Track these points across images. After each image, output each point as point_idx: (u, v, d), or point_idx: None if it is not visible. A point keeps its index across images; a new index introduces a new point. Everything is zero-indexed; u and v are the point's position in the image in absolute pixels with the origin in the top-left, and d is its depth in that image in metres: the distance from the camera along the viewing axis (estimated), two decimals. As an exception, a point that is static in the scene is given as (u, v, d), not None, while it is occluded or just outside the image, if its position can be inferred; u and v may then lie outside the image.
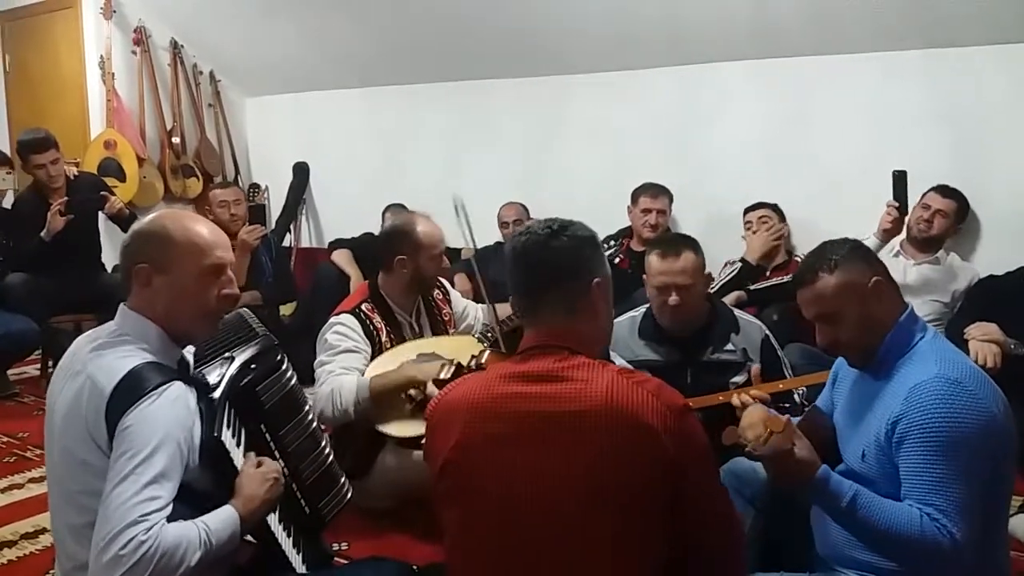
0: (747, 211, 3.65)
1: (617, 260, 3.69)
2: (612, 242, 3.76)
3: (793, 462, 1.34)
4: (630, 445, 1.14)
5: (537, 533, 1.16)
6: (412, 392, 2.27)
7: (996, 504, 1.44)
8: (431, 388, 2.16)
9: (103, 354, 1.38)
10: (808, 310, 1.57)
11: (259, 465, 1.47)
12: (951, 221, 3.24)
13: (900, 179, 3.10)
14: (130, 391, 1.31)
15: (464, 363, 2.22)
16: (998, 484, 1.41)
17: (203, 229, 1.47)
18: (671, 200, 3.81)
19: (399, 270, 2.52)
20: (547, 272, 1.31)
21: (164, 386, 1.33)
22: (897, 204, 3.09)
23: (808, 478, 1.35)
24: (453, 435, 1.25)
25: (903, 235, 3.29)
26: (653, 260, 2.29)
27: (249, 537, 1.51)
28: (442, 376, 2.17)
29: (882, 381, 1.51)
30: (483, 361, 2.18)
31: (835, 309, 1.51)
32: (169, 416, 1.32)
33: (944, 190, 3.25)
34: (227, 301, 1.49)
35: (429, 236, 2.53)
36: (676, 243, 2.31)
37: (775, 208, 3.63)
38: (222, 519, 1.35)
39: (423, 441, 1.38)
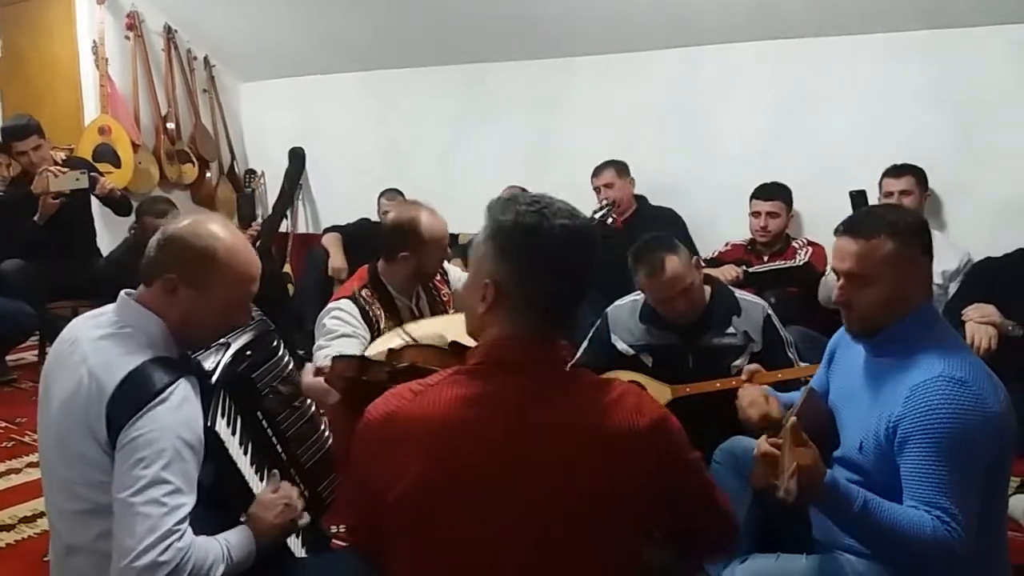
0: (755, 196, 3.49)
1: (610, 220, 3.53)
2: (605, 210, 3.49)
3: (813, 475, 1.28)
4: (616, 466, 1.09)
5: (517, 565, 1.09)
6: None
7: (996, 490, 1.43)
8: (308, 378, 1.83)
9: (105, 348, 1.35)
10: (844, 262, 1.48)
11: (276, 489, 1.49)
12: (917, 196, 3.23)
13: (859, 198, 3.09)
14: (135, 394, 1.28)
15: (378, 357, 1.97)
16: (997, 471, 1.41)
17: (249, 259, 1.45)
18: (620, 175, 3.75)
19: (402, 263, 2.50)
20: (591, 267, 1.17)
21: (170, 387, 1.31)
22: None
23: (817, 485, 1.29)
24: (413, 465, 1.09)
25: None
26: (643, 280, 2.26)
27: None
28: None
29: (886, 368, 1.48)
30: (402, 364, 1.84)
31: (874, 272, 1.45)
32: (179, 420, 1.29)
33: (895, 170, 3.25)
34: (240, 324, 1.53)
35: (434, 232, 2.48)
36: (654, 253, 2.23)
37: (786, 197, 3.46)
38: (240, 538, 1.36)
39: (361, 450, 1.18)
